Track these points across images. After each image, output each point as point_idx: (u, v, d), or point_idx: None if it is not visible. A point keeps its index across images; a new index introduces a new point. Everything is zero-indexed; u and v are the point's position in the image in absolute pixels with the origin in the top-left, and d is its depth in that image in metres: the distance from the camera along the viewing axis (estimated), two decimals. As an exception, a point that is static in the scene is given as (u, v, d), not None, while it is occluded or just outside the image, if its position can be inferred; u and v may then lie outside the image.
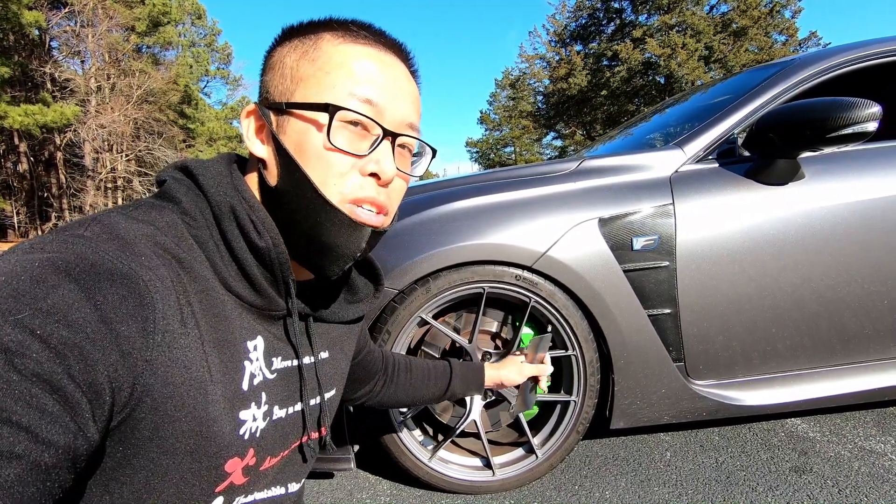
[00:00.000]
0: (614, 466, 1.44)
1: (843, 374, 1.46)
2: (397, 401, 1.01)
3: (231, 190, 0.54)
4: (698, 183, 1.39)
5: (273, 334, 0.58)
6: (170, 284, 0.45)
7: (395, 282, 1.25)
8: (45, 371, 0.34)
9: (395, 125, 0.56)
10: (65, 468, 0.36)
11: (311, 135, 0.53)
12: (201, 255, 0.51)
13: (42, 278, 0.37)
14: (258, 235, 0.53)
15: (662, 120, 2.25)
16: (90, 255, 0.40)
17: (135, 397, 0.41)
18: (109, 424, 0.40)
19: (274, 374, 0.57)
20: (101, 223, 0.44)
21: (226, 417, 0.49)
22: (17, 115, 17.64)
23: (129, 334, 0.40)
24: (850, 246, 1.39)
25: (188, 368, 0.45)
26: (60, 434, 0.35)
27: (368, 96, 0.54)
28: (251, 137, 0.57)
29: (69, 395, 0.35)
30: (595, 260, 1.30)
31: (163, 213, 0.50)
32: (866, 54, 1.54)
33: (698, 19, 20.31)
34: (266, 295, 0.55)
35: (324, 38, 0.55)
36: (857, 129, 1.23)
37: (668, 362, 1.37)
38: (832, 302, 1.40)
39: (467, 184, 1.43)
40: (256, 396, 0.54)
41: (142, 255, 0.43)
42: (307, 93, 0.53)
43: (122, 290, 0.40)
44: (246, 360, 0.53)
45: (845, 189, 1.40)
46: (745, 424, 1.65)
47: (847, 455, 1.43)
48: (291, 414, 0.61)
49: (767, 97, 1.49)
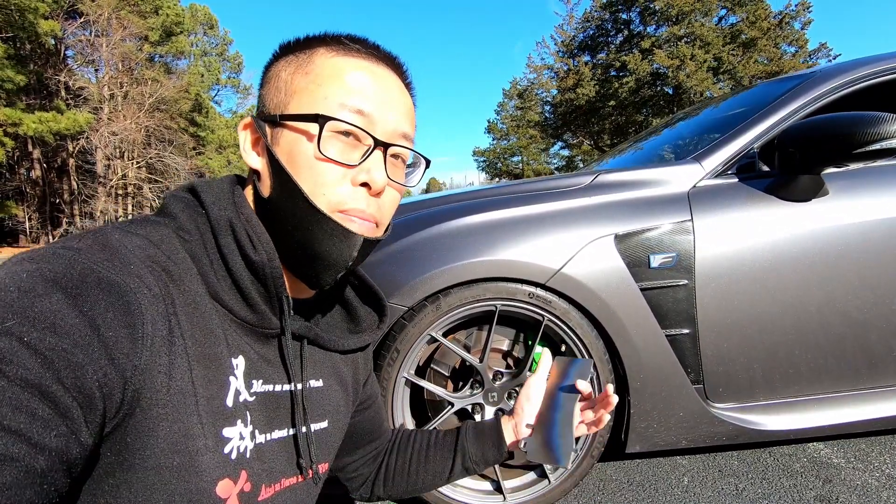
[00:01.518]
0: (629, 492, 1.39)
1: (869, 398, 1.40)
2: (400, 475, 0.85)
3: (230, 206, 0.55)
4: (718, 199, 1.35)
5: (260, 355, 0.57)
6: (158, 294, 0.45)
7: (405, 298, 1.21)
8: (34, 377, 0.35)
9: (387, 136, 0.56)
10: (60, 472, 0.36)
11: (302, 145, 0.53)
12: (193, 269, 0.51)
13: (30, 288, 0.37)
14: (254, 249, 0.53)
15: (674, 133, 2.21)
16: (78, 266, 0.40)
17: (126, 403, 0.41)
18: (104, 430, 0.41)
19: (253, 398, 0.55)
20: (94, 236, 0.45)
21: (209, 433, 0.48)
22: (32, 123, 17.95)
23: (117, 340, 0.40)
24: (878, 265, 1.33)
25: (172, 378, 0.45)
26: (53, 438, 0.35)
27: (360, 107, 0.54)
28: (247, 150, 0.58)
29: (59, 400, 0.36)
30: (611, 277, 1.26)
31: (158, 227, 0.51)
32: (888, 68, 1.50)
33: (707, 30, 20.30)
34: (259, 310, 0.55)
35: (318, 52, 0.56)
36: (886, 144, 1.18)
37: (686, 384, 1.32)
38: (858, 323, 1.35)
39: (479, 198, 1.40)
40: (241, 415, 0.53)
41: (130, 265, 0.44)
42: (300, 105, 0.54)
43: (110, 297, 0.41)
44: (231, 376, 0.52)
45: (872, 206, 1.35)
46: (765, 449, 1.59)
47: (875, 484, 1.36)
48: (274, 440, 0.58)
49: (788, 111, 1.45)
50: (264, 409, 0.57)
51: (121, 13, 21.74)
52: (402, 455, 0.87)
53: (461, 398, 1.30)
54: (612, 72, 23.28)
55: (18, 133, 18.35)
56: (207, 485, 0.47)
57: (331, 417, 0.68)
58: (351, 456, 0.83)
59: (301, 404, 0.61)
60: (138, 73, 24.02)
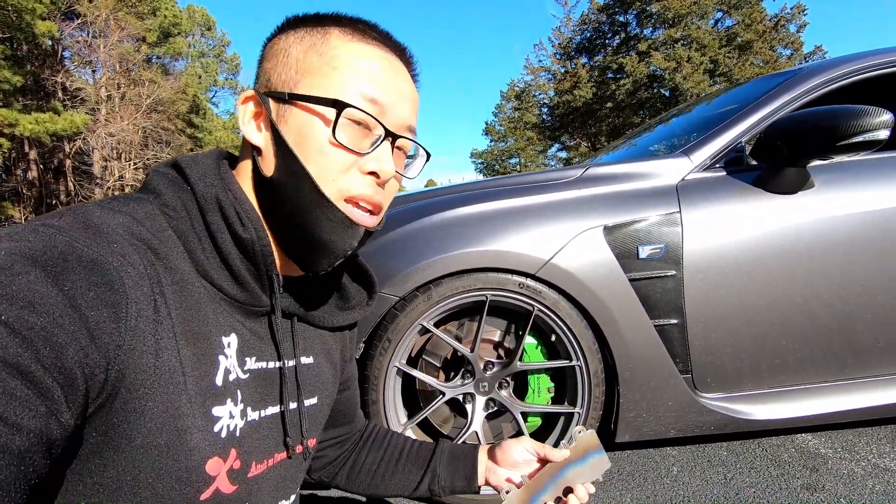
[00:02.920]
0: (619, 481, 1.40)
1: (855, 388, 1.42)
2: (365, 473, 0.85)
3: (217, 181, 0.54)
4: (706, 191, 1.37)
5: (252, 332, 0.57)
6: (143, 272, 0.44)
7: (396, 288, 1.23)
8: (11, 356, 0.34)
9: (395, 126, 0.57)
10: (39, 453, 0.35)
11: (315, 128, 0.53)
12: (179, 246, 0.50)
13: (7, 266, 0.36)
14: (242, 227, 0.52)
15: (667, 130, 2.23)
16: (59, 243, 0.39)
17: (110, 383, 0.40)
18: (86, 411, 0.40)
19: (247, 375, 0.56)
20: (74, 213, 0.44)
21: (198, 412, 0.48)
22: (28, 123, 17.87)
23: (99, 319, 0.39)
24: (862, 256, 1.36)
25: (159, 357, 0.44)
26: (31, 418, 0.34)
27: (374, 96, 0.54)
28: (247, 123, 0.56)
29: (38, 379, 0.35)
30: (600, 268, 1.28)
31: (142, 204, 0.50)
32: (874, 63, 1.52)
33: (703, 33, 20.40)
34: (249, 288, 0.55)
35: (332, 34, 0.55)
36: (868, 136, 1.21)
37: (674, 374, 1.34)
38: (844, 314, 1.37)
39: (471, 190, 1.42)
40: (231, 393, 0.53)
41: (113, 243, 0.43)
42: (313, 86, 0.53)
43: (92, 276, 0.40)
44: (221, 354, 0.52)
45: (857, 199, 1.37)
46: (754, 440, 1.61)
47: (861, 473, 1.38)
48: (267, 417, 0.59)
49: (775, 106, 1.47)
50: (258, 386, 0.57)
51: (118, 14, 21.70)
52: (372, 454, 0.86)
53: (452, 388, 1.32)
54: (609, 74, 23.36)
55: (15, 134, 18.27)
56: (196, 463, 0.47)
57: (320, 393, 0.69)
58: (321, 435, 0.81)
59: (296, 381, 0.62)
60: (136, 74, 23.97)
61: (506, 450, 0.84)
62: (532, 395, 1.38)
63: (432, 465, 0.84)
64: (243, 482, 0.54)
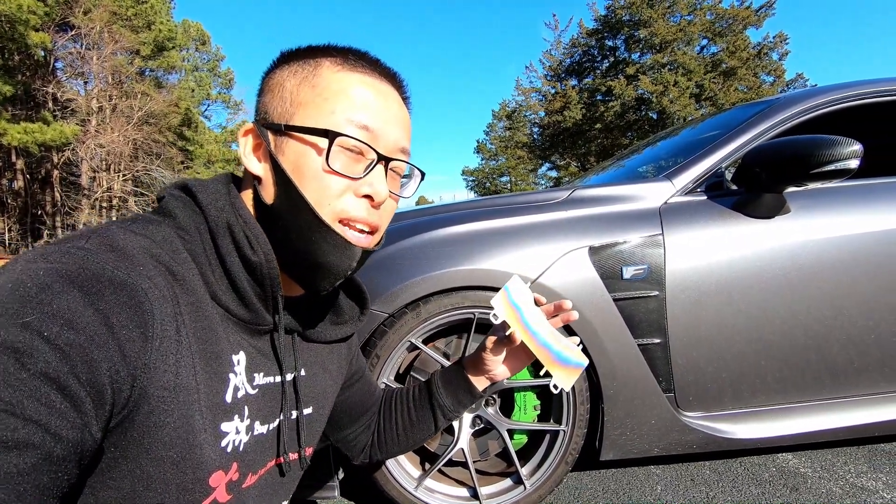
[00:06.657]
0: (604, 499, 1.41)
1: (832, 408, 1.46)
2: (391, 440, 0.93)
3: (228, 207, 0.56)
4: (687, 214, 1.41)
5: (256, 349, 0.59)
6: (166, 294, 0.46)
7: (386, 305, 1.25)
8: (52, 370, 0.36)
9: (388, 150, 0.59)
10: (73, 462, 0.38)
11: (310, 157, 0.55)
12: (194, 268, 0.52)
13: (48, 285, 0.39)
14: (252, 250, 0.55)
15: (654, 153, 2.30)
16: (92, 265, 0.42)
17: (133, 399, 0.43)
18: (109, 424, 0.42)
19: (256, 390, 0.58)
20: (100, 236, 0.46)
21: (209, 428, 0.50)
22: (16, 133, 17.73)
23: (129, 338, 0.42)
24: (837, 280, 1.40)
25: (178, 375, 0.46)
26: (69, 429, 0.37)
27: (365, 122, 0.57)
28: (248, 155, 0.59)
29: (74, 393, 0.38)
30: (585, 288, 1.31)
31: (159, 227, 0.52)
32: (848, 95, 1.60)
33: (689, 59, 20.95)
34: (254, 309, 0.57)
35: (323, 65, 0.58)
36: (839, 165, 1.26)
37: (657, 393, 1.36)
38: (820, 335, 1.41)
39: (460, 210, 1.45)
40: (239, 410, 0.55)
41: (140, 266, 0.45)
42: (306, 117, 0.56)
43: (123, 297, 0.42)
44: (231, 372, 0.54)
45: (831, 225, 1.43)
46: (736, 459, 1.63)
47: (838, 492, 1.41)
48: (272, 430, 0.62)
49: (754, 133, 1.53)
50: (265, 401, 0.60)
51: (113, 27, 21.77)
52: (387, 422, 0.93)
53: (440, 405, 1.33)
54: (598, 96, 23.82)
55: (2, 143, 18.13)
56: (202, 476, 0.49)
57: (315, 404, 0.71)
58: (350, 428, 0.90)
59: (295, 393, 0.65)
60: (128, 86, 23.96)
61: (478, 365, 0.89)
62: (518, 413, 1.39)
63: (435, 401, 0.90)
64: (237, 492, 0.56)
